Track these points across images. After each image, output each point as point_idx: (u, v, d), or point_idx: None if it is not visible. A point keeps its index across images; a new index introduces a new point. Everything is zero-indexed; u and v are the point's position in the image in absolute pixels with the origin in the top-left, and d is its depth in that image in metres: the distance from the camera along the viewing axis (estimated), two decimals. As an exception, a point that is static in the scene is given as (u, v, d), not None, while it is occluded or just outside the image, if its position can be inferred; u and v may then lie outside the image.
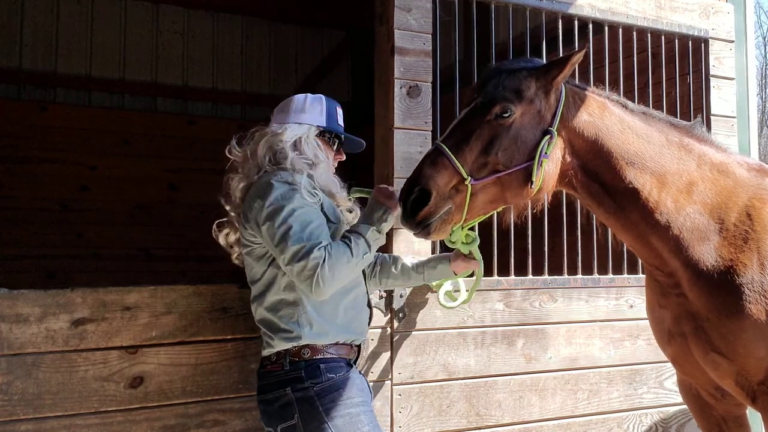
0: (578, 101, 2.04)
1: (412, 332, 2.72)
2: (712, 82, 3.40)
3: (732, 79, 3.46)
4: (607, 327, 3.11)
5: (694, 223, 2.00)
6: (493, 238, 2.84)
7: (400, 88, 2.73)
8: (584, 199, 2.11)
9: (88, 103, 5.78)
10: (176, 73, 6.11)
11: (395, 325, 2.69)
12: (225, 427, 2.34)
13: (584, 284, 3.07)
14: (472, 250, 2.26)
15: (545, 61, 2.08)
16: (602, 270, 3.17)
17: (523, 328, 2.93)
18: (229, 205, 2.09)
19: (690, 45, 3.41)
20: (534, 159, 1.93)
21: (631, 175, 2.00)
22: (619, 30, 3.25)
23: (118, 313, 2.21)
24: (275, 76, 6.44)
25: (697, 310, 2.01)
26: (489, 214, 2.09)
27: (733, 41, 3.49)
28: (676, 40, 3.38)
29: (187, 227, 5.19)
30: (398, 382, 2.68)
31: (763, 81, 17.26)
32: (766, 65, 17.74)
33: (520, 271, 2.99)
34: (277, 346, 1.97)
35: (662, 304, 2.15)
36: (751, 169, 2.13)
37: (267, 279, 2.00)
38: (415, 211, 1.91)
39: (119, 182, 5.72)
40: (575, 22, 3.16)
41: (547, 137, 1.95)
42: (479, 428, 2.83)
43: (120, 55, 5.91)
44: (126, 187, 5.72)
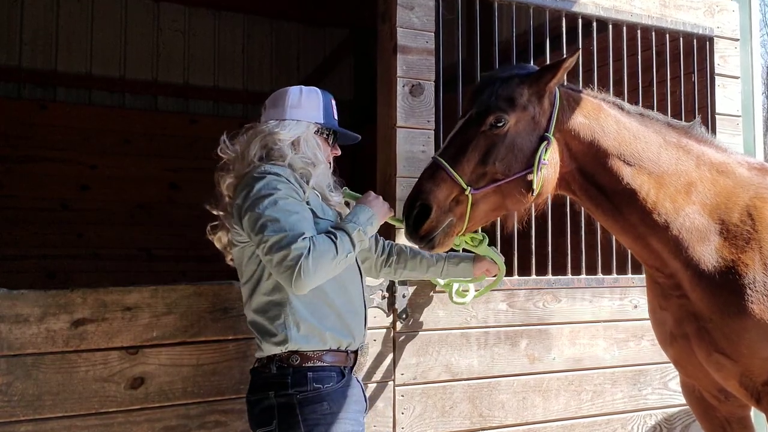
0: (573, 104, 2.04)
1: (415, 333, 2.70)
2: (717, 80, 3.39)
3: (737, 78, 3.45)
4: (611, 327, 3.10)
5: (694, 224, 2.00)
6: (497, 238, 2.82)
7: (403, 86, 2.72)
8: (583, 202, 2.11)
9: (88, 102, 5.76)
10: (177, 72, 6.09)
11: (398, 326, 2.67)
12: (226, 428, 2.32)
13: (588, 284, 3.06)
14: (491, 256, 2.29)
15: (538, 66, 2.09)
16: (606, 270, 3.16)
17: (526, 329, 2.92)
18: (220, 206, 1.99)
19: (695, 43, 3.39)
20: (533, 166, 1.94)
21: (628, 175, 2.00)
22: (623, 28, 3.23)
23: (119, 314, 2.19)
24: (277, 75, 6.42)
25: (700, 311, 2.00)
26: (489, 222, 2.10)
27: (738, 39, 3.48)
28: (681, 39, 3.36)
29: (188, 227, 5.09)
30: (401, 383, 2.66)
31: (769, 79, 17.17)
32: (772, 64, 17.65)
33: (524, 271, 2.97)
34: (267, 351, 1.89)
35: (663, 306, 2.14)
36: (752, 168, 2.12)
37: (255, 278, 1.91)
38: (418, 226, 1.93)
39: (120, 182, 5.70)
40: (579, 21, 3.15)
41: (545, 143, 1.96)
42: (482, 429, 2.81)
43: (120, 53, 5.89)
44: (126, 186, 5.71)
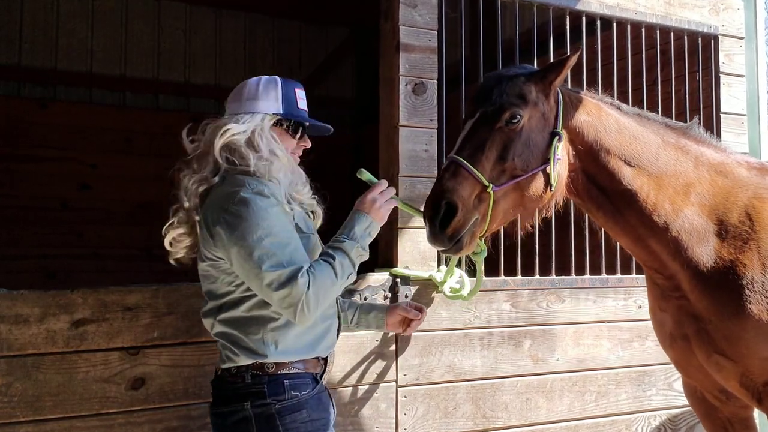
0: (575, 103, 2.05)
1: (418, 333, 2.68)
2: (722, 79, 3.37)
3: (742, 77, 3.43)
4: (616, 328, 3.09)
5: (693, 225, 1.99)
6: (500, 238, 2.80)
7: (405, 85, 2.71)
8: (584, 203, 2.11)
9: (88, 101, 5.73)
10: (178, 70, 6.06)
11: (400, 326, 2.66)
12: (228, 430, 2.30)
13: (592, 284, 3.05)
14: (480, 268, 2.24)
15: (540, 64, 2.11)
16: (610, 270, 3.14)
17: (530, 329, 2.90)
18: (186, 206, 1.85)
19: (699, 42, 3.38)
20: (549, 161, 1.94)
21: (628, 176, 2.00)
22: (628, 26, 3.22)
23: (119, 314, 2.18)
24: (278, 73, 6.36)
25: (699, 312, 1.99)
26: (506, 223, 2.06)
27: (744, 38, 3.47)
28: (686, 37, 3.35)
29: (189, 227, 5.14)
30: (403, 383, 2.65)
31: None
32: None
33: (527, 271, 2.96)
34: (239, 362, 1.79)
35: (663, 308, 2.14)
36: (751, 168, 2.11)
37: (232, 297, 1.80)
38: (445, 227, 1.85)
39: (120, 181, 5.67)
40: (583, 19, 3.13)
41: (556, 138, 1.96)
42: (486, 430, 2.80)
43: (121, 51, 5.86)
44: (127, 185, 5.68)
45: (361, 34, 6.24)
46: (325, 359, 1.92)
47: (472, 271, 2.48)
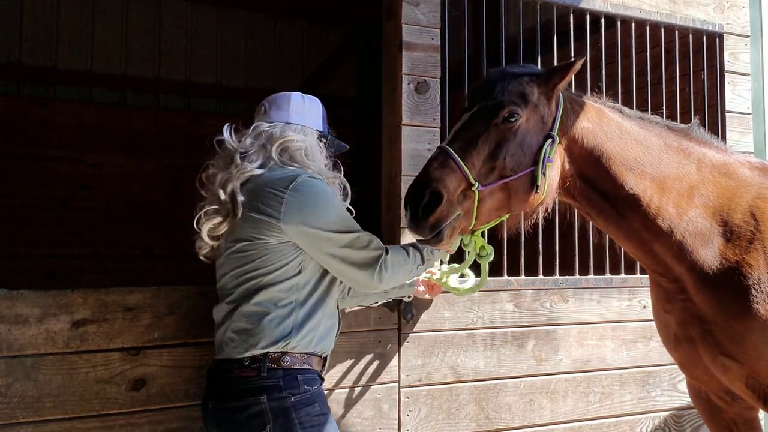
0: (577, 108, 2.03)
1: (420, 333, 2.67)
2: (727, 78, 3.35)
3: (747, 75, 3.41)
4: (620, 328, 3.07)
5: (697, 227, 1.98)
6: (503, 238, 2.79)
7: (408, 84, 2.69)
8: (583, 208, 2.08)
9: (89, 100, 5.72)
10: (179, 69, 6.04)
11: (403, 326, 2.64)
12: (229, 431, 2.29)
13: (596, 284, 3.03)
14: (485, 271, 2.24)
15: (544, 63, 2.11)
16: (614, 270, 3.13)
17: (533, 329, 2.89)
18: (216, 196, 1.89)
19: (704, 40, 3.36)
20: (539, 163, 1.91)
21: (631, 181, 1.98)
22: (632, 24, 3.20)
23: (120, 314, 2.17)
24: (280, 72, 6.37)
25: (705, 314, 1.98)
26: (494, 223, 2.04)
27: (749, 36, 3.45)
28: (690, 35, 3.33)
29: (190, 226, 5.07)
30: (406, 384, 2.64)
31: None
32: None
33: (531, 271, 2.95)
34: (257, 348, 1.82)
35: (667, 310, 2.13)
36: (754, 168, 2.09)
37: (274, 276, 1.85)
38: (428, 214, 1.82)
39: (121, 180, 5.66)
40: (587, 17, 3.12)
41: (549, 141, 1.93)
42: (489, 432, 2.78)
43: (122, 50, 5.85)
44: (128, 185, 5.66)
45: (363, 33, 6.22)
46: (325, 359, 2.00)
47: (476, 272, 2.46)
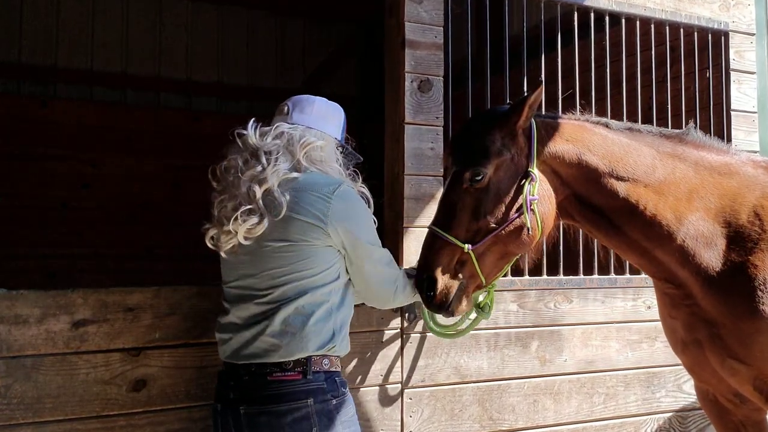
0: (552, 131, 2.03)
1: (423, 334, 2.66)
2: (733, 76, 3.33)
3: (753, 74, 3.39)
4: (624, 328, 3.05)
5: (699, 231, 1.96)
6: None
7: (411, 82, 2.68)
8: (584, 226, 2.11)
9: (89, 99, 5.70)
10: (180, 68, 6.02)
11: (405, 327, 2.63)
12: (231, 433, 2.27)
13: (600, 284, 3.02)
14: (477, 317, 2.35)
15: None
16: (619, 270, 3.11)
17: (537, 330, 2.88)
18: (245, 194, 1.83)
19: (709, 38, 3.34)
20: (523, 208, 1.94)
21: (623, 191, 1.98)
22: (637, 22, 3.18)
23: (121, 315, 2.15)
24: (281, 71, 6.35)
25: (712, 317, 1.97)
26: (509, 267, 2.11)
27: (754, 34, 3.42)
28: (695, 33, 3.31)
29: (191, 226, 5.06)
30: (409, 385, 2.62)
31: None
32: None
33: (535, 271, 2.91)
34: (300, 354, 1.80)
35: (674, 315, 2.12)
36: (758, 166, 2.07)
37: (323, 277, 1.84)
38: (431, 299, 1.99)
39: (121, 180, 5.64)
40: (591, 14, 3.10)
41: (528, 179, 1.95)
42: (492, 433, 2.77)
43: (122, 48, 5.83)
44: (128, 184, 5.65)
45: (366, 30, 6.20)
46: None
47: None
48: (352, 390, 2.51)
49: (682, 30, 3.28)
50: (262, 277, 1.84)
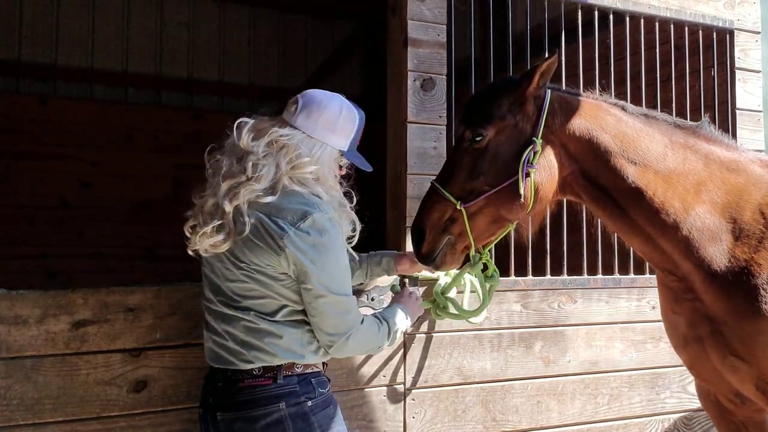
0: (566, 105, 2.05)
1: (426, 334, 2.65)
2: (738, 75, 3.33)
3: (758, 72, 3.39)
4: (629, 329, 3.04)
5: (705, 223, 1.97)
6: (510, 237, 2.75)
7: (414, 81, 2.67)
8: (588, 205, 2.12)
9: (89, 97, 5.67)
10: (181, 65, 5.99)
11: (408, 327, 2.60)
12: (232, 434, 2.25)
13: (605, 284, 3.01)
14: (490, 286, 2.34)
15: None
16: (623, 270, 3.10)
17: (541, 330, 2.87)
18: (218, 205, 1.79)
19: (714, 36, 3.34)
20: (518, 172, 1.96)
21: (632, 174, 1.99)
22: (641, 20, 3.17)
23: (121, 315, 2.14)
24: (284, 69, 6.33)
25: (714, 313, 1.96)
26: (503, 234, 2.14)
27: (760, 32, 3.42)
28: (700, 32, 3.31)
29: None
30: (411, 386, 2.61)
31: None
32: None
33: (538, 271, 2.92)
34: (267, 362, 1.79)
35: (675, 310, 2.11)
36: (765, 165, 2.08)
37: (274, 303, 1.80)
38: (419, 250, 2.06)
39: (122, 179, 5.61)
40: (595, 13, 3.09)
41: (530, 147, 1.97)
42: (496, 434, 2.75)
43: (123, 46, 5.80)
44: (129, 183, 5.62)
45: (369, 28, 6.18)
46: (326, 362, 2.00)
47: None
48: (355, 390, 2.50)
49: (686, 28, 3.28)
50: (234, 286, 1.82)
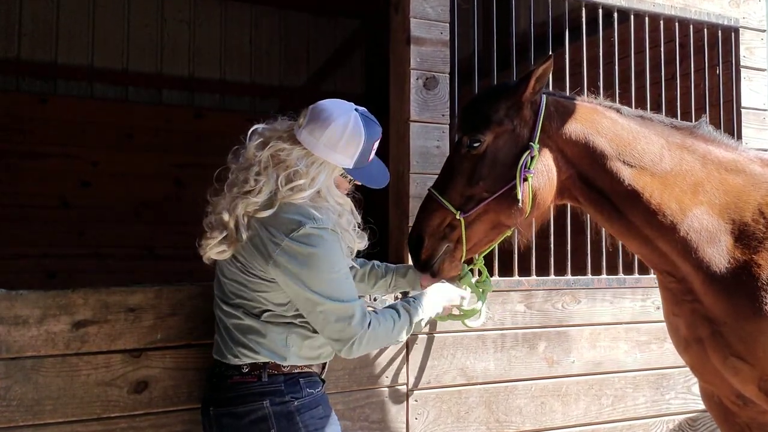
0: (562, 109, 2.05)
1: (429, 335, 2.63)
2: (743, 73, 3.31)
3: (763, 71, 3.37)
4: (633, 329, 3.03)
5: (702, 224, 1.96)
6: (514, 237, 2.73)
7: (417, 79, 2.65)
8: (587, 209, 2.11)
9: (90, 95, 5.67)
10: (182, 64, 5.98)
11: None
12: (234, 435, 2.24)
13: (609, 285, 2.99)
14: (482, 290, 2.29)
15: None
16: (628, 270, 3.08)
17: (544, 331, 2.85)
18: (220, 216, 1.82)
19: (719, 34, 3.33)
20: (516, 178, 1.96)
21: (629, 177, 1.99)
22: (646, 19, 3.16)
23: (122, 315, 2.12)
24: (286, 67, 6.32)
25: (714, 314, 1.96)
26: (499, 240, 2.14)
27: (765, 30, 3.41)
28: (705, 30, 3.29)
29: (193, 225, 4.99)
30: (414, 387, 2.60)
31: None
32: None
33: (542, 270, 2.90)
34: (256, 359, 1.83)
35: (676, 312, 2.11)
36: (766, 165, 2.06)
37: (269, 308, 1.83)
38: (417, 256, 2.07)
39: (122, 178, 5.61)
40: (599, 11, 3.08)
41: (527, 152, 1.97)
42: (499, 435, 2.74)
43: (123, 44, 5.79)
44: (129, 183, 5.62)
45: (371, 26, 6.16)
46: (324, 363, 2.01)
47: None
48: (358, 391, 2.49)
49: (691, 26, 3.26)
50: (231, 286, 1.89)
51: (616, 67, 3.03)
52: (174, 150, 5.69)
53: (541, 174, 2.00)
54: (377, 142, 1.93)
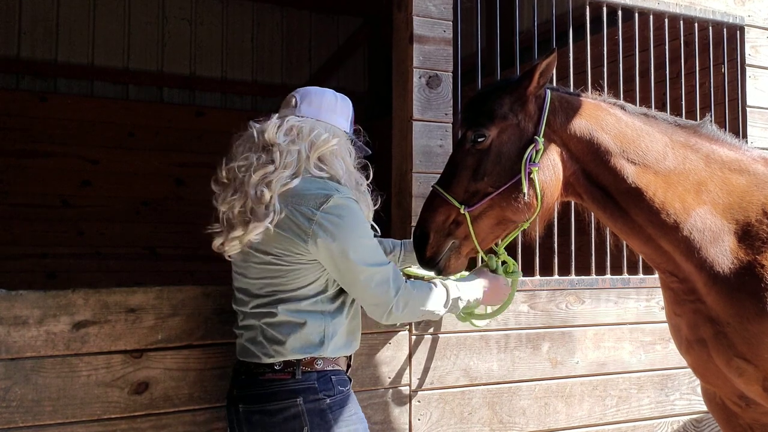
0: (566, 105, 2.05)
1: (432, 335, 2.62)
2: (748, 71, 3.30)
3: (769, 69, 3.36)
4: (637, 330, 3.01)
5: (706, 224, 1.95)
6: (518, 237, 2.72)
7: (419, 77, 2.65)
8: (590, 206, 2.11)
9: (90, 94, 5.67)
10: (183, 62, 5.98)
11: (414, 328, 2.59)
12: (235, 436, 2.22)
13: (613, 285, 2.98)
14: (515, 287, 2.26)
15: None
16: (632, 270, 3.07)
17: (548, 331, 2.84)
18: (257, 196, 1.81)
19: (724, 32, 3.31)
20: (521, 172, 1.96)
21: (632, 174, 1.98)
22: (650, 17, 3.15)
23: (122, 315, 2.11)
24: (288, 66, 6.31)
25: (717, 315, 1.94)
26: (511, 236, 2.13)
27: (771, 29, 3.38)
28: (710, 28, 3.28)
29: (194, 225, 4.95)
30: (417, 388, 2.58)
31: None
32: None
33: (546, 270, 2.89)
34: (288, 355, 1.82)
35: (678, 313, 2.10)
36: None
37: (305, 291, 1.84)
38: (422, 253, 2.03)
39: (123, 177, 5.61)
40: (603, 9, 3.06)
41: (532, 146, 1.97)
42: (503, 437, 2.72)
43: (124, 43, 5.78)
44: (130, 182, 5.61)
45: (374, 24, 6.15)
46: (350, 358, 2.01)
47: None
48: (360, 392, 2.47)
49: (696, 24, 3.25)
50: (257, 282, 1.89)
51: (621, 66, 3.02)
52: (175, 149, 5.69)
53: (547, 168, 1.99)
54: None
